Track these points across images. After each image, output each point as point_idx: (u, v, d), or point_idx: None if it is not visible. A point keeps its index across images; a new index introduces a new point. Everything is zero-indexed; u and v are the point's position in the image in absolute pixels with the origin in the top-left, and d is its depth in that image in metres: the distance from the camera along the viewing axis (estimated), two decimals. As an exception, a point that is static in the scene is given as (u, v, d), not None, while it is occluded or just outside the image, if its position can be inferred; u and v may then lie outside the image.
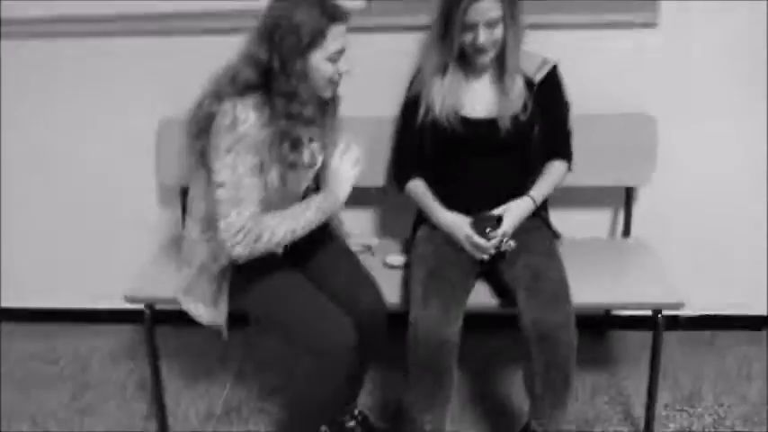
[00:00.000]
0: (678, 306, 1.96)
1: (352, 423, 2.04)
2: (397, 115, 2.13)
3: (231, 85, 1.65)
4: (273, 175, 1.68)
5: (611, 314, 2.53)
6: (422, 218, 2.09)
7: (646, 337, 2.40)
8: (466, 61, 1.96)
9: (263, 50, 1.62)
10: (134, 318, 2.50)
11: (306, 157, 1.76)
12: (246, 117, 1.61)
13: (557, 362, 1.76)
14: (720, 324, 2.54)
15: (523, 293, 1.81)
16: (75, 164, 2.44)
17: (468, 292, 1.90)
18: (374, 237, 2.23)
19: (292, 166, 1.70)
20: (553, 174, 2.00)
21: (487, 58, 1.91)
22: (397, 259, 2.13)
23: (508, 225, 1.88)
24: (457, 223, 1.92)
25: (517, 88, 1.94)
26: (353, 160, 1.76)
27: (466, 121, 1.95)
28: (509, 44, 1.89)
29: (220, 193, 1.63)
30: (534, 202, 1.94)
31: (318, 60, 1.65)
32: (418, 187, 2.03)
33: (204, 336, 2.16)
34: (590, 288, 1.95)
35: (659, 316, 1.96)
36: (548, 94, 1.97)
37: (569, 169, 2.03)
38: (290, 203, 1.74)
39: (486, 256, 1.89)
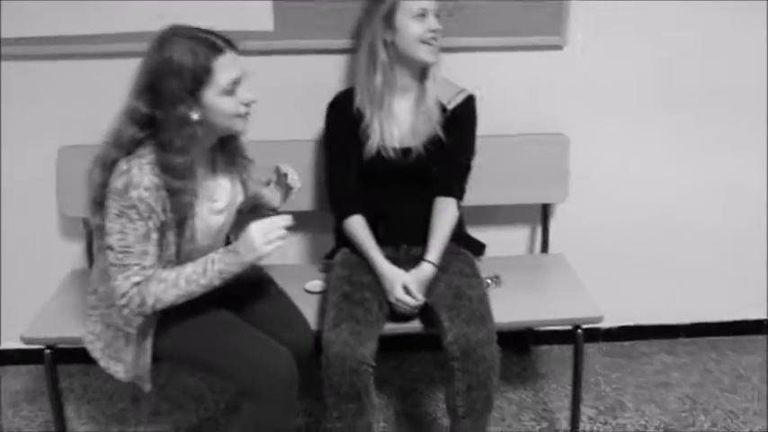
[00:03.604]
0: (597, 320, 1.99)
1: None
2: (326, 142, 2.05)
3: (117, 148, 1.56)
4: (171, 234, 1.60)
5: (533, 329, 2.55)
6: (341, 241, 2.06)
7: (567, 350, 2.45)
8: (392, 77, 1.92)
9: (143, 103, 1.53)
10: (36, 357, 2.35)
11: (187, 208, 1.63)
12: (140, 181, 1.52)
13: (479, 380, 1.76)
14: (638, 334, 2.60)
15: (446, 312, 1.82)
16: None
17: (383, 314, 1.88)
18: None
19: (179, 222, 1.61)
20: (444, 223, 1.97)
21: (437, 51, 1.89)
22: (317, 284, 2.11)
23: (417, 291, 1.88)
24: (393, 281, 1.88)
25: (434, 112, 1.93)
26: (276, 231, 1.61)
27: (395, 150, 1.94)
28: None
29: (109, 255, 1.58)
30: (434, 265, 1.92)
31: (212, 97, 1.55)
32: (358, 226, 1.97)
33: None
34: (511, 306, 1.97)
35: (578, 330, 1.98)
36: (458, 124, 1.97)
37: (458, 208, 2.00)
38: (207, 251, 1.66)
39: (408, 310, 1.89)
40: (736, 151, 2.36)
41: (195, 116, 1.55)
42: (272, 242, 1.59)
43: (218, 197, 1.73)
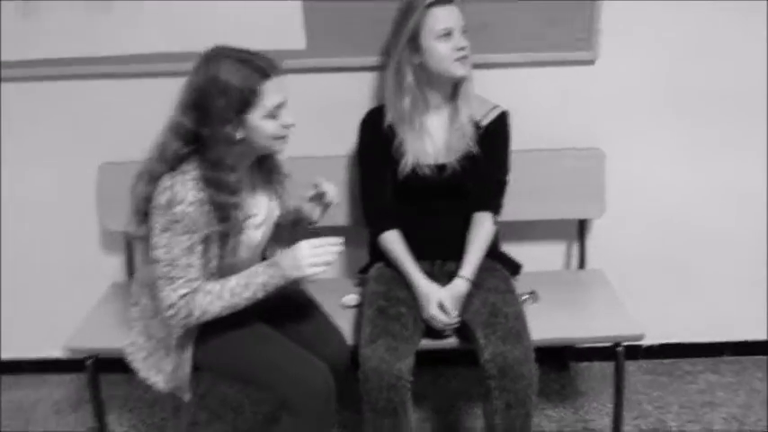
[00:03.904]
0: (638, 338, 1.95)
1: None
2: (360, 159, 2.05)
3: (161, 162, 1.58)
4: (215, 247, 1.63)
5: (571, 346, 2.50)
6: (376, 256, 2.06)
7: (607, 366, 2.40)
8: (422, 98, 1.92)
9: (190, 119, 1.55)
10: (79, 366, 2.41)
11: (238, 223, 1.67)
12: (184, 196, 1.55)
13: (517, 398, 1.74)
14: (680, 352, 2.53)
15: (482, 330, 1.80)
16: (13, 208, 2.35)
17: (419, 329, 1.87)
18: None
19: (223, 236, 1.64)
20: (480, 238, 1.95)
21: (469, 66, 1.88)
22: (352, 299, 2.11)
23: (452, 308, 1.86)
24: (428, 298, 1.88)
25: (468, 127, 1.93)
26: (325, 255, 1.62)
27: (429, 167, 1.94)
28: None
29: (156, 269, 1.61)
30: (468, 280, 1.91)
31: (257, 120, 1.58)
32: (394, 241, 1.97)
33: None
34: (549, 323, 1.95)
35: (619, 348, 1.94)
36: (492, 140, 1.96)
37: (495, 224, 2.00)
38: (247, 265, 1.69)
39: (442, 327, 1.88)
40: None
41: (239, 136, 1.58)
42: (318, 265, 1.61)
43: (257, 212, 1.75)
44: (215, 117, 1.53)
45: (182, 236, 1.56)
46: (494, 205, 1.99)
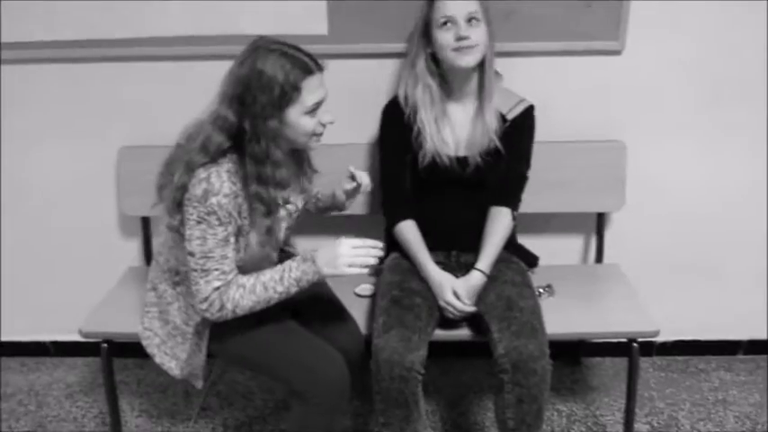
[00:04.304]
0: (654, 334, 1.94)
1: None
2: (380, 147, 2.04)
3: (202, 153, 1.56)
4: (252, 239, 1.62)
5: (585, 340, 2.50)
6: (391, 246, 2.05)
7: (619, 362, 2.39)
8: (439, 88, 1.92)
9: (233, 113, 1.54)
10: (92, 350, 2.42)
11: (282, 215, 1.68)
12: (220, 188, 1.54)
13: (530, 393, 1.73)
14: (694, 349, 2.52)
15: (497, 323, 1.80)
16: (30, 190, 2.35)
17: (433, 320, 1.87)
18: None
19: (269, 231, 1.64)
20: (499, 233, 1.94)
21: (473, 56, 1.83)
22: (367, 288, 2.11)
23: (467, 299, 1.86)
24: (442, 285, 1.87)
25: (492, 123, 1.91)
26: (365, 258, 1.60)
27: (450, 158, 1.93)
28: (488, 56, 1.86)
29: (189, 261, 1.60)
30: (484, 273, 1.90)
31: (296, 116, 1.57)
32: (409, 231, 1.97)
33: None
34: (564, 317, 1.94)
35: (634, 345, 1.93)
36: (516, 134, 1.95)
37: (513, 219, 1.99)
38: (270, 259, 1.69)
39: (457, 315, 1.88)
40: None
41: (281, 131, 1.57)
42: (356, 266, 1.59)
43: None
44: (259, 112, 1.53)
45: (217, 228, 1.55)
46: (513, 201, 1.98)
